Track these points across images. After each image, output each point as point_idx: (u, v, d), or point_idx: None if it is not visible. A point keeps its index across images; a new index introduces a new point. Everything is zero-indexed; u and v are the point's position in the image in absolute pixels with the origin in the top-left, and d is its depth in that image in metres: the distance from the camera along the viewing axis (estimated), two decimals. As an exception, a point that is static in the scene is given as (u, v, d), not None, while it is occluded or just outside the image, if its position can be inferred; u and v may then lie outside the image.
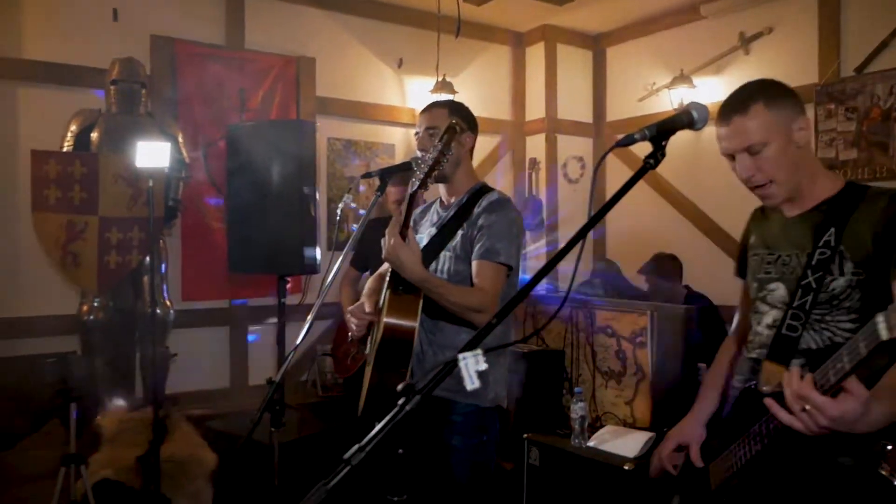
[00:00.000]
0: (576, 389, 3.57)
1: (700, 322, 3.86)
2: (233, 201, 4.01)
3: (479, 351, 1.43)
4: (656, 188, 5.60)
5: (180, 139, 4.18)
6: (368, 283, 2.65)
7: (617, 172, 5.98)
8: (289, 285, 4.11)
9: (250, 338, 4.87)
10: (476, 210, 2.28)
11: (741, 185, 1.75)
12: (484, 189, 2.37)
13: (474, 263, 2.21)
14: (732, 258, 5.07)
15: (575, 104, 6.01)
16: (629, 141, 1.59)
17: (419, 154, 2.33)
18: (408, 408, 1.39)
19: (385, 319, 2.11)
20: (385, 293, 2.24)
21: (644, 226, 5.58)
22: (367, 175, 2.53)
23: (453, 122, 2.04)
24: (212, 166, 4.59)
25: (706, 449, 1.94)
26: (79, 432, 3.25)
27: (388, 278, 2.22)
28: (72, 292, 4.09)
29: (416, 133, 2.39)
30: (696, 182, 5.36)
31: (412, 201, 2.15)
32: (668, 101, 5.36)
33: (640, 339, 3.80)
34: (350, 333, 4.03)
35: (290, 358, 2.36)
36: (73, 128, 3.98)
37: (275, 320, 4.49)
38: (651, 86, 5.60)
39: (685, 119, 1.56)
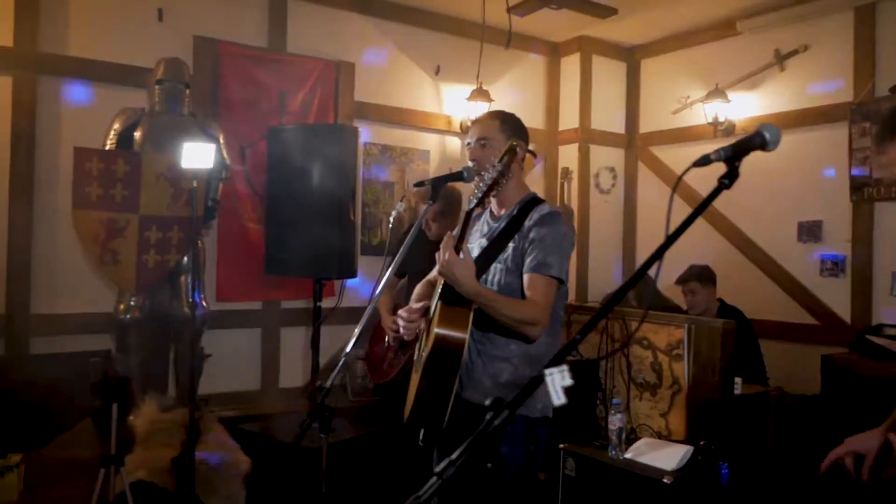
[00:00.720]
0: (613, 401, 3.51)
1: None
2: (272, 203, 4.05)
3: (564, 367, 1.41)
4: (689, 202, 5.52)
5: (222, 140, 4.14)
6: (417, 288, 2.65)
7: (648, 183, 5.94)
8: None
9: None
10: (527, 223, 2.25)
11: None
12: (534, 201, 2.34)
13: (526, 276, 2.19)
14: (765, 273, 5.06)
15: (608, 115, 5.97)
16: (705, 161, 1.58)
17: (470, 164, 2.32)
18: (496, 422, 1.36)
19: (436, 330, 2.12)
20: (436, 303, 2.24)
21: (679, 240, 5.51)
22: (420, 184, 2.49)
23: (514, 144, 2.02)
24: (249, 167, 4.57)
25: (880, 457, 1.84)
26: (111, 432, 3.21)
27: (439, 289, 2.20)
28: (106, 290, 4.05)
29: (468, 144, 2.38)
30: (729, 196, 5.19)
31: (468, 218, 2.17)
32: (703, 114, 5.31)
33: (676, 352, 3.74)
34: (386, 339, 4.01)
35: (341, 364, 2.30)
36: (117, 126, 3.95)
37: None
38: (685, 99, 5.55)
39: (758, 140, 1.55)
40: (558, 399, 1.39)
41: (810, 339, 4.71)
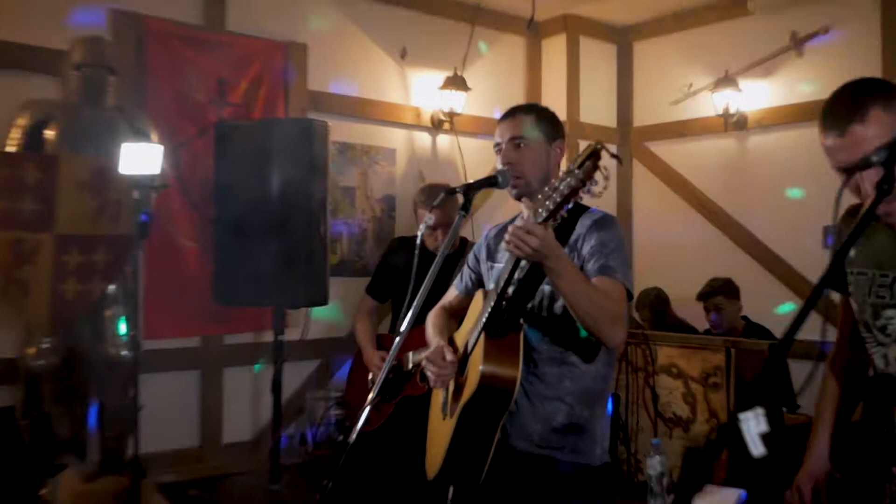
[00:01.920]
0: (653, 441, 3.53)
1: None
2: (221, 216, 3.96)
3: (759, 409, 1.40)
4: (694, 205, 5.69)
5: (155, 139, 3.95)
6: (431, 318, 2.63)
7: (644, 183, 6.10)
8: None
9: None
10: (578, 231, 2.26)
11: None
12: (579, 207, 2.32)
13: (593, 281, 2.16)
14: (789, 287, 5.21)
15: (597, 106, 6.08)
16: (866, 164, 1.66)
17: (501, 167, 2.34)
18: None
19: (482, 368, 2.11)
20: (476, 336, 2.22)
21: (681, 249, 5.63)
22: (452, 192, 2.44)
23: (598, 146, 1.98)
24: (183, 171, 4.43)
25: (830, 482, 2.11)
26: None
27: (483, 320, 2.19)
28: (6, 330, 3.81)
29: (497, 145, 2.39)
30: (741, 198, 5.48)
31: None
32: (711, 105, 5.48)
33: (713, 381, 3.81)
34: (370, 377, 3.93)
35: (366, 412, 2.21)
36: (23, 122, 3.73)
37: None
38: (687, 87, 5.70)
39: None
40: (756, 449, 1.37)
41: (842, 358, 4.88)
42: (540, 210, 2.00)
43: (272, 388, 4.00)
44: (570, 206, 1.97)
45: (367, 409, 2.19)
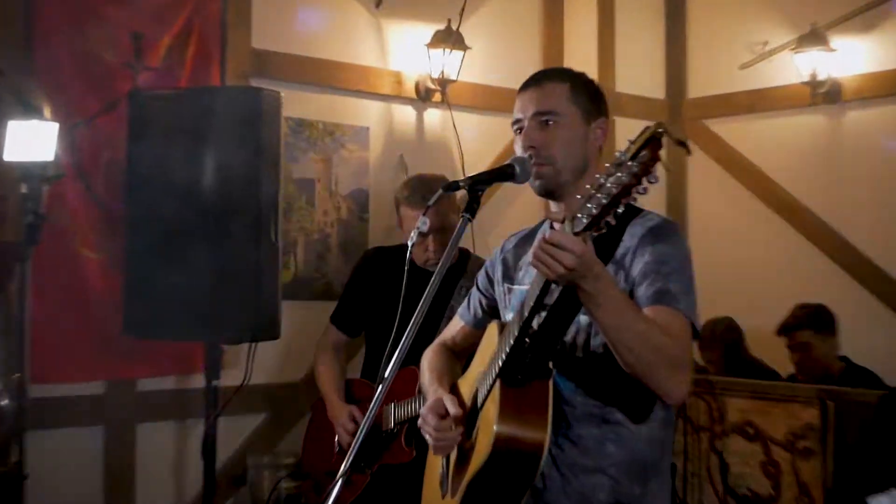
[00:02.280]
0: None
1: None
2: (135, 217, 4.01)
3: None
4: (771, 203, 5.69)
5: (48, 114, 3.99)
6: (428, 358, 2.68)
7: (702, 173, 6.12)
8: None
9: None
10: (626, 242, 2.26)
11: None
12: (631, 210, 2.30)
13: (645, 311, 2.17)
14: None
15: (638, 71, 6.15)
16: None
17: (521, 154, 2.34)
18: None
19: (496, 428, 2.12)
20: (489, 384, 2.25)
21: (755, 264, 5.64)
22: (452, 186, 2.43)
23: (660, 129, 1.95)
24: (84, 157, 4.44)
25: None
26: None
27: (499, 362, 2.21)
28: None
29: (517, 122, 2.42)
30: (834, 195, 5.51)
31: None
32: (793, 69, 5.51)
33: (803, 444, 3.83)
34: (337, 439, 3.94)
35: (339, 483, 2.18)
36: None
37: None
38: (762, 46, 5.74)
39: None
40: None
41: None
42: (579, 215, 1.98)
43: (203, 451, 4.05)
44: (621, 210, 1.93)
45: (339, 483, 2.16)
